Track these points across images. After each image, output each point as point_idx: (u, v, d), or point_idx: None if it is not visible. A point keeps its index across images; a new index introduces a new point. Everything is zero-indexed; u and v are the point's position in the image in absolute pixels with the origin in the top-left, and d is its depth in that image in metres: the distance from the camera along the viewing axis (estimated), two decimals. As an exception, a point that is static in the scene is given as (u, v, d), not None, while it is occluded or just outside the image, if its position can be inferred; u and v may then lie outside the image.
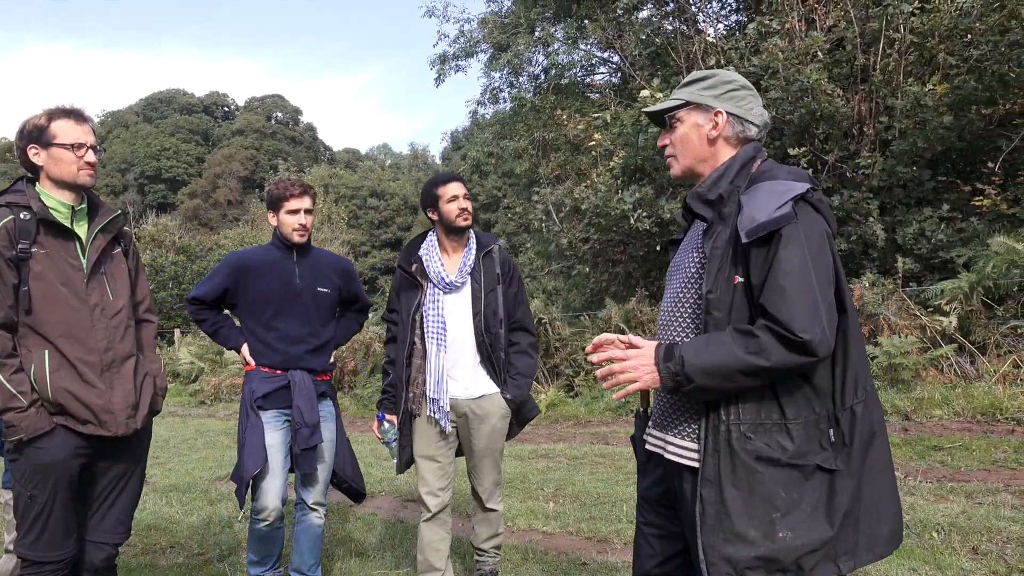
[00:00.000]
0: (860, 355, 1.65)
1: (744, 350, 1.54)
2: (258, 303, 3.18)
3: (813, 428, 1.59)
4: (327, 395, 3.30)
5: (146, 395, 2.53)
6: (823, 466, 1.58)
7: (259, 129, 62.56)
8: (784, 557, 1.55)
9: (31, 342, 2.34)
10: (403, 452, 3.10)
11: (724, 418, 1.61)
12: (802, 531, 1.55)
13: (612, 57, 15.16)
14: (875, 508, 1.63)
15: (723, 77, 1.81)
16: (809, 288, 1.53)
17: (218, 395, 11.80)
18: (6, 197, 2.39)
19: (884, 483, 1.65)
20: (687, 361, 1.58)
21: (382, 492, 5.35)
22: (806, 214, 1.60)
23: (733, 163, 1.75)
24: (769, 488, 1.56)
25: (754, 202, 1.60)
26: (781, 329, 1.52)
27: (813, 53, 8.97)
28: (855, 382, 1.62)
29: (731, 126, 1.78)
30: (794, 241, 1.55)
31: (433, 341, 3.03)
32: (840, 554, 1.58)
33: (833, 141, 9.32)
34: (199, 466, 6.54)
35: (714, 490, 1.60)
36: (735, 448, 1.59)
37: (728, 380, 1.56)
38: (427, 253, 3.12)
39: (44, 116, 2.42)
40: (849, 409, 1.61)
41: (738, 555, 1.56)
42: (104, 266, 2.48)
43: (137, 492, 2.63)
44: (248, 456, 3.02)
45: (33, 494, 2.33)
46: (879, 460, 1.64)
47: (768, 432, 1.58)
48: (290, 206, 3.17)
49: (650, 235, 10.29)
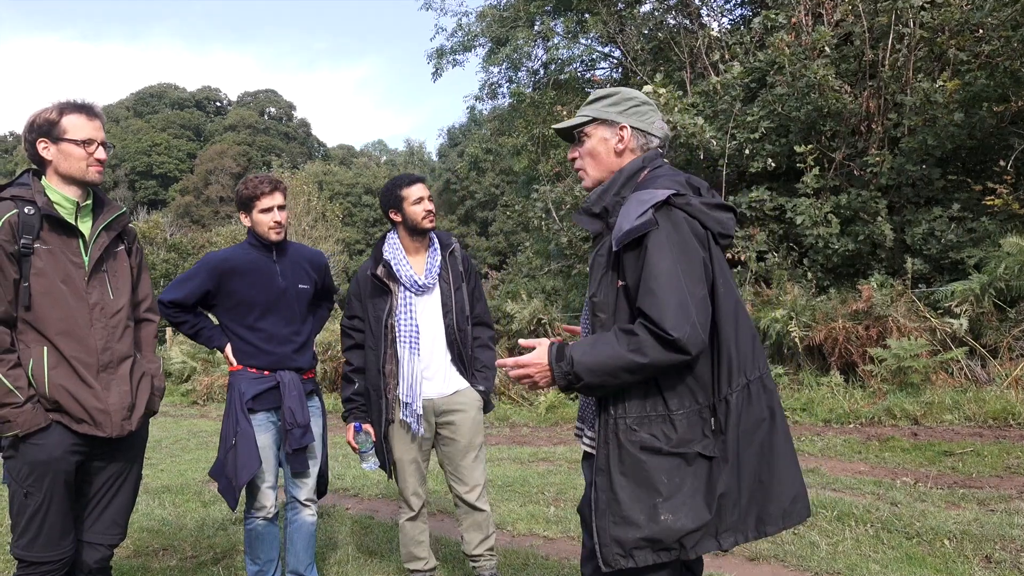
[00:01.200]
0: (740, 347, 1.79)
1: (626, 348, 1.70)
2: (242, 306, 3.16)
3: (696, 417, 1.76)
4: (314, 392, 3.33)
5: (142, 396, 2.52)
6: (703, 453, 1.75)
7: (252, 125, 62.47)
8: (667, 537, 1.73)
9: (30, 338, 2.34)
10: (389, 456, 3.18)
11: (612, 412, 1.79)
12: (683, 514, 1.73)
13: (613, 52, 15.14)
14: (762, 488, 1.79)
15: (626, 94, 2.01)
16: (677, 288, 1.69)
17: (210, 395, 11.77)
18: (11, 190, 2.38)
19: (773, 464, 1.80)
20: (576, 360, 1.75)
21: (378, 495, 5.32)
22: (670, 219, 1.76)
23: (619, 176, 1.93)
24: (653, 475, 1.74)
25: (625, 212, 1.79)
26: (655, 327, 1.68)
27: (820, 48, 8.94)
28: (730, 374, 1.77)
29: (635, 139, 1.97)
30: (660, 245, 1.72)
31: (406, 345, 3.07)
32: (721, 531, 1.76)
33: (840, 138, 9.30)
34: (192, 467, 6.53)
35: (605, 477, 1.78)
36: (621, 440, 1.77)
37: (613, 377, 1.72)
38: (393, 256, 3.15)
39: (55, 110, 2.41)
40: (724, 400, 1.77)
41: (626, 537, 1.75)
42: (106, 264, 2.48)
43: (133, 493, 2.62)
44: (241, 465, 3.03)
45: (29, 492, 2.32)
46: (767, 442, 1.80)
47: (653, 423, 1.76)
48: (263, 204, 3.15)
49: (653, 234, 10.24)
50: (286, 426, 3.11)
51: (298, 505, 3.25)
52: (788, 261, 9.23)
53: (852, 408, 6.90)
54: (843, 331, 7.54)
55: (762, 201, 9.35)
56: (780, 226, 9.52)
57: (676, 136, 9.25)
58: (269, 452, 3.13)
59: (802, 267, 9.18)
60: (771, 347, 7.98)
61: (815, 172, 8.94)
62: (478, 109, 18.78)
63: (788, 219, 9.18)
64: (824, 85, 8.72)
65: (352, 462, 6.36)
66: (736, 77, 9.40)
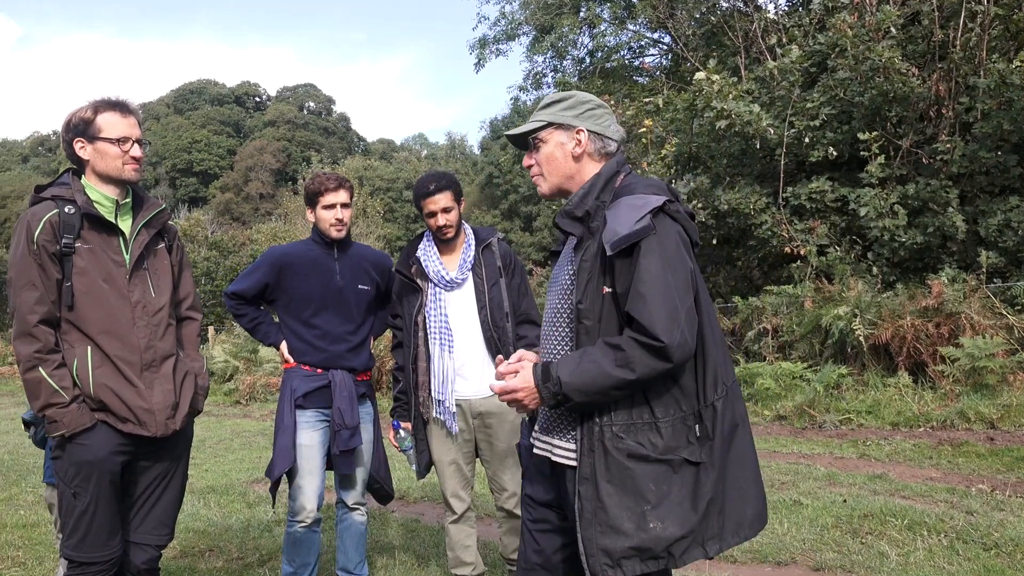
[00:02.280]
0: (718, 354, 1.87)
1: (613, 364, 1.74)
2: (298, 300, 3.24)
3: (680, 424, 1.81)
4: (367, 396, 3.36)
5: (186, 395, 2.58)
6: (689, 459, 1.79)
7: (291, 120, 63.70)
8: (655, 546, 1.76)
9: (73, 338, 2.41)
10: (421, 457, 3.22)
11: (598, 420, 1.81)
12: (671, 521, 1.76)
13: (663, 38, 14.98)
14: (739, 494, 1.85)
15: (580, 98, 2.04)
16: (668, 295, 1.74)
17: (253, 395, 12.04)
18: (51, 190, 2.46)
19: (748, 470, 1.89)
20: (564, 382, 1.78)
21: (424, 498, 5.38)
22: (664, 225, 1.81)
23: (598, 180, 1.97)
24: (640, 483, 1.77)
25: (616, 216, 1.82)
26: (644, 336, 1.73)
27: (885, 29, 8.71)
28: (715, 380, 1.84)
29: (593, 143, 2.00)
30: (652, 251, 1.77)
31: (436, 341, 3.11)
32: (707, 539, 1.80)
33: (908, 125, 9.06)
34: (236, 467, 6.70)
35: (590, 487, 1.80)
36: (608, 447, 1.79)
37: (603, 395, 1.77)
38: (424, 253, 3.20)
39: (90, 109, 2.47)
40: (711, 405, 1.83)
41: (614, 546, 1.77)
42: (147, 262, 2.54)
43: (179, 492, 2.69)
44: (278, 457, 3.12)
45: (77, 492, 2.39)
46: (742, 449, 1.88)
47: (639, 431, 1.79)
48: (326, 200, 3.23)
49: (706, 227, 10.15)
50: (335, 426, 3.16)
51: (346, 507, 3.33)
52: (851, 255, 9.05)
53: (922, 411, 6.73)
54: (911, 329, 7.37)
55: (823, 192, 9.18)
56: (842, 218, 9.34)
57: (730, 125, 9.13)
58: (316, 451, 3.18)
59: (866, 261, 8.99)
60: (833, 346, 7.84)
61: (880, 161, 8.73)
62: (522, 100, 18.81)
63: (851, 211, 9.00)
64: (890, 68, 8.50)
65: (397, 463, 6.42)
66: (794, 61, 9.21)
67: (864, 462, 5.69)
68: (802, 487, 4.92)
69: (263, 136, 60.92)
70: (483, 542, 4.07)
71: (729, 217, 9.78)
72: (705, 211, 9.80)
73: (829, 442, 6.42)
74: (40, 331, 2.36)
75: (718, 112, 9.11)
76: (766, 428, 7.20)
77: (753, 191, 9.57)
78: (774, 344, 8.52)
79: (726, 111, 9.03)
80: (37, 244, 2.35)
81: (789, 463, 5.69)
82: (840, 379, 7.48)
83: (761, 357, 8.50)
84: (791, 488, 4.92)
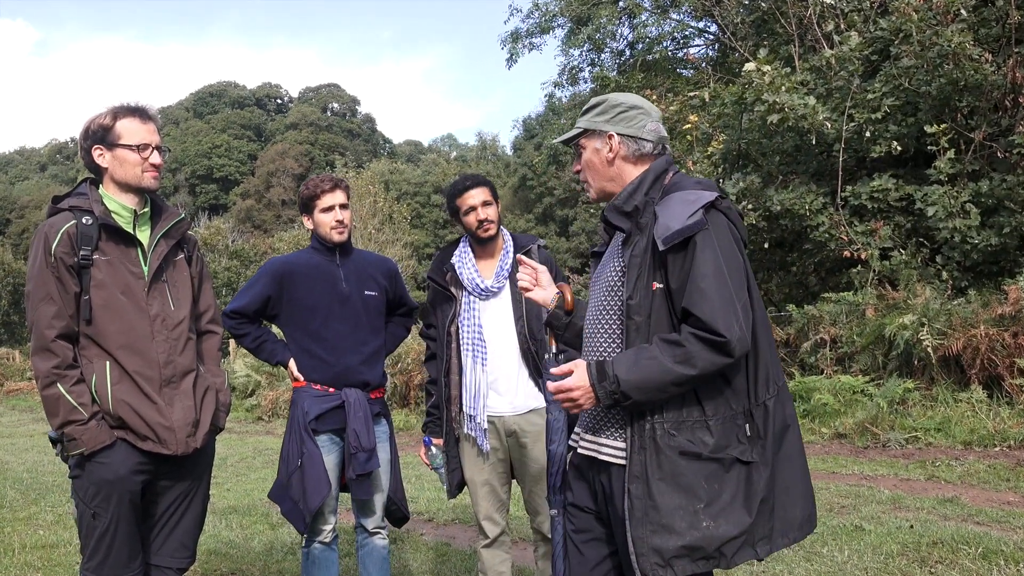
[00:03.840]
0: (770, 353, 1.97)
1: (672, 360, 1.84)
2: (304, 311, 3.28)
3: (731, 423, 1.90)
4: (381, 415, 3.39)
5: (207, 411, 2.64)
6: (740, 458, 1.89)
7: (314, 122, 64.83)
8: (708, 545, 1.84)
9: (92, 353, 2.48)
10: (452, 476, 3.23)
11: (649, 417, 1.91)
12: (723, 520, 1.86)
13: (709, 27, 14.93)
14: (788, 495, 1.95)
15: (612, 101, 2.17)
16: (726, 289, 1.85)
17: (276, 411, 12.25)
18: (69, 201, 2.55)
19: (796, 471, 1.98)
20: (621, 380, 1.87)
21: (455, 520, 5.43)
22: (716, 221, 1.92)
23: (647, 176, 2.08)
24: (692, 481, 1.86)
25: (668, 212, 1.93)
26: (704, 331, 1.82)
27: (955, 11, 8.58)
28: (767, 379, 1.95)
29: (625, 146, 2.11)
30: (708, 246, 1.87)
31: (469, 353, 3.12)
32: (758, 539, 1.89)
33: (980, 116, 8.89)
34: (258, 487, 6.80)
35: (641, 485, 1.89)
36: (660, 444, 1.89)
37: (662, 392, 1.87)
38: (460, 260, 3.22)
39: (109, 115, 2.55)
40: (762, 404, 1.93)
41: (665, 545, 1.85)
42: (166, 273, 2.61)
43: (201, 513, 2.75)
44: (312, 489, 3.14)
45: (96, 512, 2.47)
46: (792, 450, 1.98)
47: (690, 428, 1.89)
48: (323, 203, 3.27)
49: (757, 230, 10.06)
50: (350, 449, 3.19)
51: (366, 532, 3.36)
52: (918, 259, 8.89)
53: (998, 428, 6.58)
54: (985, 339, 7.21)
55: (886, 191, 9.04)
56: (908, 219, 9.19)
57: (783, 119, 9.06)
58: (332, 475, 3.23)
59: (935, 265, 8.83)
60: (899, 358, 7.71)
61: (950, 155, 8.58)
62: (557, 97, 18.87)
63: (917, 211, 8.85)
64: (960, 54, 8.35)
65: (426, 483, 6.50)
66: (854, 49, 9.10)
67: (933, 484, 5.58)
68: (864, 511, 4.85)
69: (285, 140, 62.07)
70: (518, 568, 4.09)
71: (782, 219, 9.67)
72: (756, 213, 9.71)
73: (894, 463, 6.31)
74: (58, 346, 2.43)
75: (770, 106, 9.04)
76: (824, 447, 7.10)
77: (809, 190, 9.46)
78: (832, 356, 8.39)
79: (778, 104, 8.95)
80: (55, 256, 2.43)
81: (850, 485, 5.61)
82: (906, 394, 7.34)
83: (818, 370, 8.38)
84: (852, 512, 4.85)
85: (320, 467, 3.17)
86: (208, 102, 69.82)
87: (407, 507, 3.50)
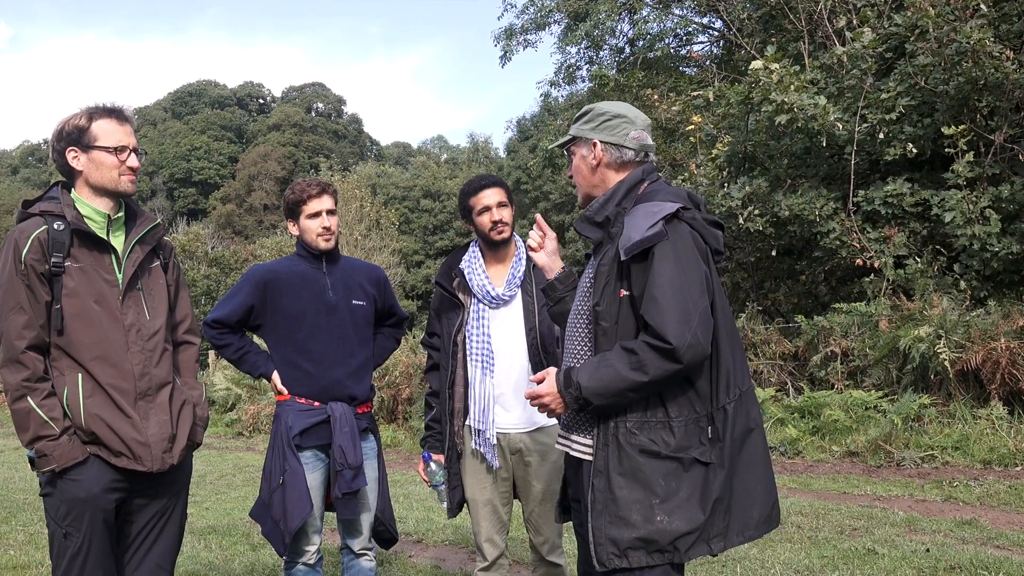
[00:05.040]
0: (734, 359, 2.18)
1: (628, 368, 2.05)
2: (288, 322, 3.29)
3: (693, 425, 2.11)
4: (369, 430, 3.40)
5: (184, 426, 2.64)
6: (700, 459, 2.09)
7: (298, 123, 64.84)
8: (661, 539, 2.05)
9: (63, 365, 2.49)
10: (453, 494, 3.22)
11: (613, 416, 2.13)
12: (677, 516, 2.06)
13: (714, 23, 15.01)
14: (748, 496, 2.16)
15: (598, 109, 2.39)
16: (680, 298, 2.04)
17: (257, 425, 12.22)
18: (40, 205, 2.56)
19: (758, 473, 2.19)
20: (583, 387, 2.10)
21: (444, 541, 5.41)
22: (678, 231, 2.12)
23: (620, 187, 2.30)
24: (650, 477, 2.07)
25: (632, 222, 2.15)
26: (655, 339, 2.03)
27: (974, 6, 8.63)
28: (727, 384, 2.15)
29: (608, 153, 2.34)
30: (666, 256, 2.07)
31: (478, 365, 3.13)
32: (712, 536, 2.10)
33: (1001, 116, 8.95)
34: (239, 505, 6.77)
35: (603, 479, 2.12)
36: (621, 442, 2.11)
37: (619, 397, 2.09)
38: (469, 265, 3.23)
39: (84, 116, 2.57)
40: (723, 408, 2.13)
41: (621, 536, 2.07)
42: (141, 281, 2.62)
43: (178, 533, 2.75)
44: (292, 508, 3.14)
45: (68, 532, 2.46)
46: (754, 452, 2.19)
47: (652, 429, 2.10)
48: (310, 209, 3.29)
49: (764, 237, 10.10)
50: (335, 466, 3.20)
51: (353, 554, 3.37)
52: (934, 268, 8.93)
53: (1019, 447, 6.60)
54: (1006, 352, 7.23)
55: (901, 195, 9.09)
56: (924, 225, 9.23)
57: (792, 120, 9.10)
58: (316, 494, 3.24)
59: (952, 275, 8.87)
60: (914, 372, 7.74)
61: (968, 158, 8.63)
62: (553, 96, 18.94)
63: (934, 216, 8.89)
64: (979, 51, 8.40)
65: (415, 502, 6.48)
66: (867, 46, 9.16)
67: (950, 506, 5.59)
68: (877, 534, 4.85)
69: (267, 141, 62.06)
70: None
71: (791, 225, 9.70)
72: (763, 218, 9.74)
73: (909, 482, 6.32)
74: (28, 358, 2.44)
75: (778, 106, 9.09)
76: (835, 466, 7.11)
77: (819, 195, 9.50)
78: (844, 370, 8.41)
79: (787, 104, 8.99)
80: (25, 264, 2.44)
81: (862, 506, 5.61)
82: (921, 410, 7.36)
83: (829, 385, 8.40)
84: (864, 535, 4.86)
85: (302, 485, 3.16)
86: (187, 102, 69.79)
87: (395, 527, 3.50)
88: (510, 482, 3.22)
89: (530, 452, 3.15)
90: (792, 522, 5.19)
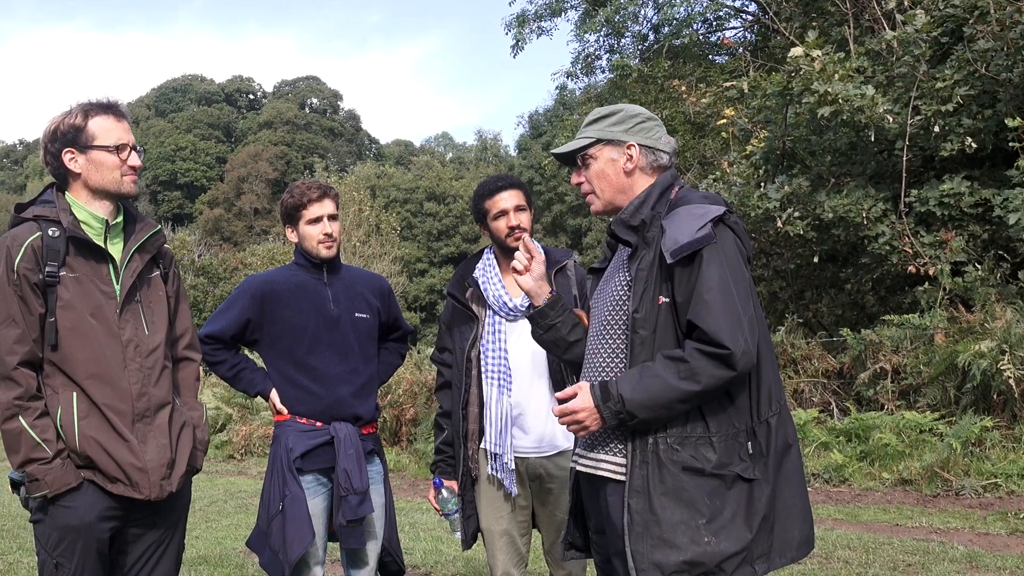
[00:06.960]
0: (773, 372, 2.27)
1: (677, 377, 2.09)
2: (288, 336, 3.32)
3: (733, 441, 2.17)
4: (375, 453, 3.43)
5: (184, 451, 2.67)
6: (743, 475, 2.15)
7: (291, 120, 65.36)
8: (708, 561, 2.09)
9: (57, 383, 2.51)
10: (467, 523, 3.22)
11: (652, 432, 2.17)
12: (724, 536, 2.11)
13: (748, 6, 15.03)
14: (788, 514, 2.23)
15: (629, 111, 2.45)
16: (731, 302, 2.12)
17: (249, 447, 12.31)
18: (33, 210, 2.58)
19: (796, 491, 2.27)
20: (626, 399, 2.13)
21: (455, 574, 5.42)
22: (724, 235, 2.21)
23: (653, 190, 2.38)
24: (694, 496, 2.12)
25: (676, 225, 2.20)
26: (708, 345, 2.09)
27: (1037, -13, 8.58)
28: (769, 397, 2.23)
29: (645, 156, 2.41)
30: (715, 260, 2.15)
31: (494, 383, 3.13)
32: (756, 557, 2.15)
33: (1068, 108, 8.87)
34: (231, 534, 6.81)
35: (643, 499, 2.14)
36: (663, 459, 2.15)
37: (667, 409, 2.12)
38: (484, 274, 3.24)
39: (80, 113, 2.59)
40: (765, 422, 2.21)
41: (666, 560, 2.10)
42: (140, 293, 2.64)
43: (175, 566, 2.76)
44: (292, 537, 3.15)
45: (60, 562, 2.48)
46: (792, 469, 2.27)
47: (693, 444, 2.15)
48: (310, 214, 3.32)
49: (805, 242, 10.05)
50: (340, 491, 3.21)
51: None
52: (997, 275, 8.86)
53: (1094, 474, 6.50)
54: (1078, 369, 7.14)
55: (959, 195, 9.03)
56: (985, 228, 9.18)
57: (836, 113, 9.06)
58: (319, 521, 3.25)
59: (1017, 283, 8.81)
60: (974, 391, 7.70)
61: (1034, 154, 8.54)
62: (569, 89, 19.04)
63: (996, 218, 8.83)
64: (1046, 35, 8.35)
65: (422, 531, 6.48)
66: (920, 30, 9.11)
67: (1016, 540, 5.55)
68: (934, 571, 4.81)
69: (258, 140, 62.59)
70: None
71: (835, 228, 9.66)
72: (804, 221, 9.68)
73: (969, 514, 6.27)
74: (21, 375, 2.46)
75: (820, 97, 9.05)
76: (886, 495, 7.06)
77: (866, 195, 9.45)
78: (895, 389, 8.37)
79: (831, 95, 8.95)
80: (18, 273, 2.46)
81: (917, 540, 5.57)
82: (983, 433, 7.30)
83: (878, 405, 8.36)
84: (920, 572, 4.82)
85: (303, 511, 3.17)
86: (172, 98, 70.48)
87: (402, 558, 3.50)
88: (529, 511, 3.22)
89: (551, 478, 3.14)
90: (839, 556, 5.15)
